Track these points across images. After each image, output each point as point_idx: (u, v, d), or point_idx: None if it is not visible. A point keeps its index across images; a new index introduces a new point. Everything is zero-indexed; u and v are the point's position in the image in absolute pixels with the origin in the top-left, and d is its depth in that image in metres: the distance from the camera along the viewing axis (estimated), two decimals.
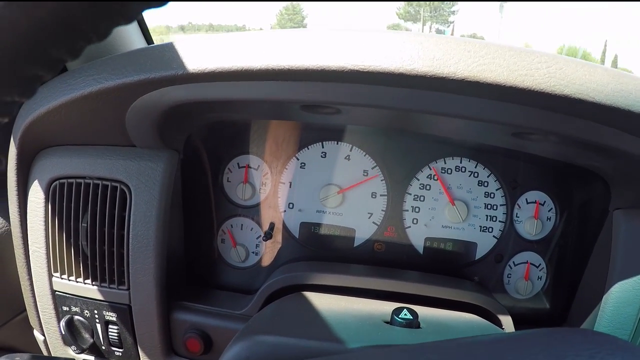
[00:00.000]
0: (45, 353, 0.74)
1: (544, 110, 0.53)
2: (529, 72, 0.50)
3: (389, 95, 0.54)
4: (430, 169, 0.78)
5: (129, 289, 0.65)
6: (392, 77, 0.50)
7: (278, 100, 0.59)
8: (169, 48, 0.55)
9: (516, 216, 0.78)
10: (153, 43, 0.89)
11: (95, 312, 0.67)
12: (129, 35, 0.84)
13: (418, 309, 0.59)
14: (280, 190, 0.79)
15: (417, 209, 0.79)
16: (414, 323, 0.56)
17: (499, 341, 0.40)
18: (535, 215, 0.77)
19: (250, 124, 0.78)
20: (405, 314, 0.57)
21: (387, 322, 0.56)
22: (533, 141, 0.65)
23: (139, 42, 0.86)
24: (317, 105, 0.61)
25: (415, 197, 0.78)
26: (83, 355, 0.70)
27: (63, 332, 0.67)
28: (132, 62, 0.56)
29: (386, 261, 0.78)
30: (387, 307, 0.59)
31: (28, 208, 0.67)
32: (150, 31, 0.90)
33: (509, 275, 0.79)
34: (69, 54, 0.24)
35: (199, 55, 0.53)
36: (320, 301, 0.61)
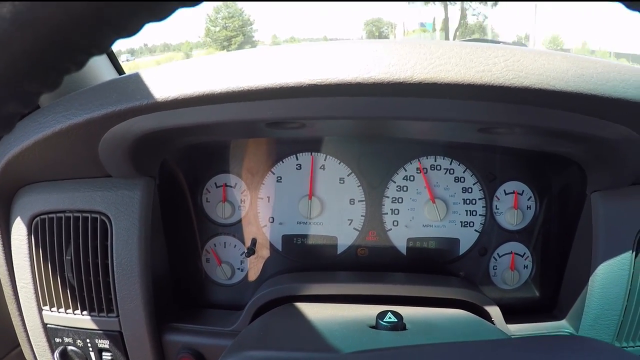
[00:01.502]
0: None
1: (508, 103, 0.53)
2: (487, 67, 0.50)
3: (350, 105, 0.55)
4: (406, 170, 0.79)
5: (118, 316, 0.66)
6: (350, 88, 0.51)
7: (242, 121, 0.60)
8: (133, 79, 0.56)
9: (496, 208, 0.79)
10: (124, 73, 0.90)
11: (88, 341, 0.68)
12: (99, 67, 0.85)
13: (405, 309, 0.60)
14: (259, 206, 0.80)
15: (396, 211, 0.79)
16: (399, 325, 0.56)
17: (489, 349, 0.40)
18: (514, 206, 0.77)
19: (224, 143, 0.78)
20: (389, 317, 0.57)
21: (372, 327, 0.57)
22: (500, 134, 0.66)
23: (109, 74, 0.87)
24: (281, 122, 0.61)
25: (394, 199, 0.79)
26: None
27: None
28: (98, 95, 0.57)
29: (370, 265, 0.79)
30: (372, 312, 0.59)
31: (12, 245, 0.68)
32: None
33: (495, 267, 0.79)
34: (96, 49, 0.25)
35: (161, 84, 0.54)
36: (306, 311, 0.62)
